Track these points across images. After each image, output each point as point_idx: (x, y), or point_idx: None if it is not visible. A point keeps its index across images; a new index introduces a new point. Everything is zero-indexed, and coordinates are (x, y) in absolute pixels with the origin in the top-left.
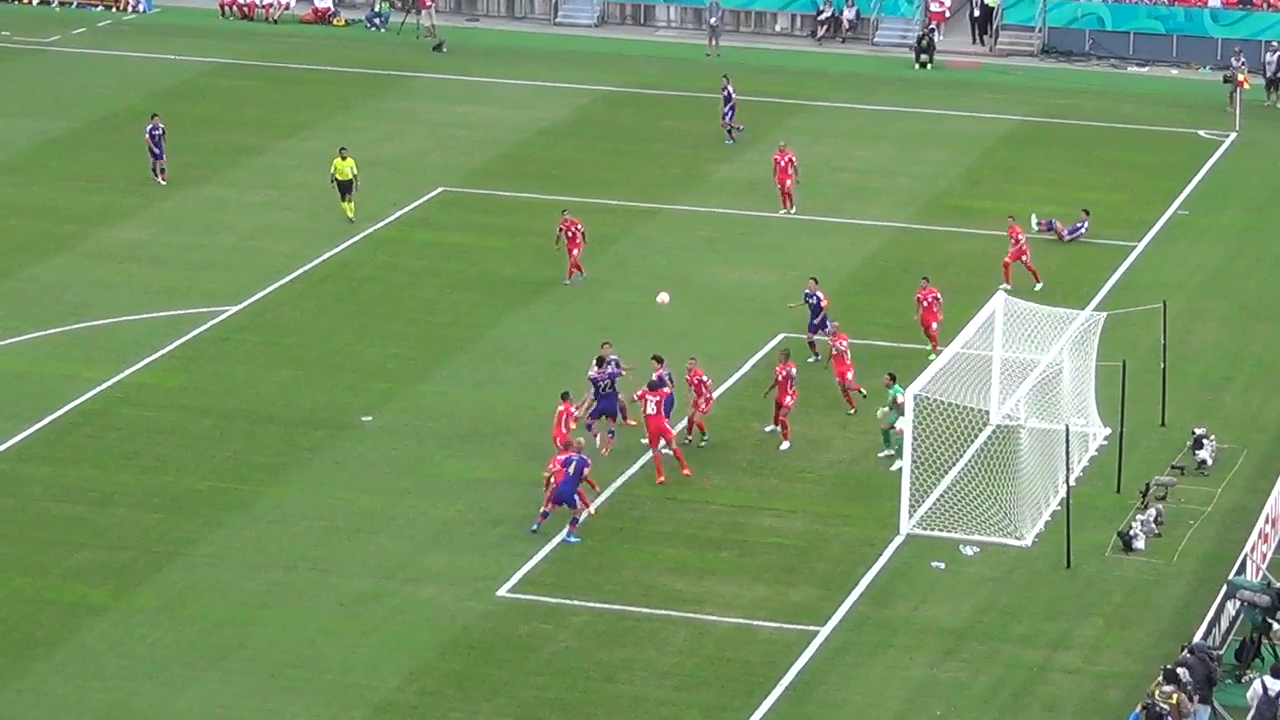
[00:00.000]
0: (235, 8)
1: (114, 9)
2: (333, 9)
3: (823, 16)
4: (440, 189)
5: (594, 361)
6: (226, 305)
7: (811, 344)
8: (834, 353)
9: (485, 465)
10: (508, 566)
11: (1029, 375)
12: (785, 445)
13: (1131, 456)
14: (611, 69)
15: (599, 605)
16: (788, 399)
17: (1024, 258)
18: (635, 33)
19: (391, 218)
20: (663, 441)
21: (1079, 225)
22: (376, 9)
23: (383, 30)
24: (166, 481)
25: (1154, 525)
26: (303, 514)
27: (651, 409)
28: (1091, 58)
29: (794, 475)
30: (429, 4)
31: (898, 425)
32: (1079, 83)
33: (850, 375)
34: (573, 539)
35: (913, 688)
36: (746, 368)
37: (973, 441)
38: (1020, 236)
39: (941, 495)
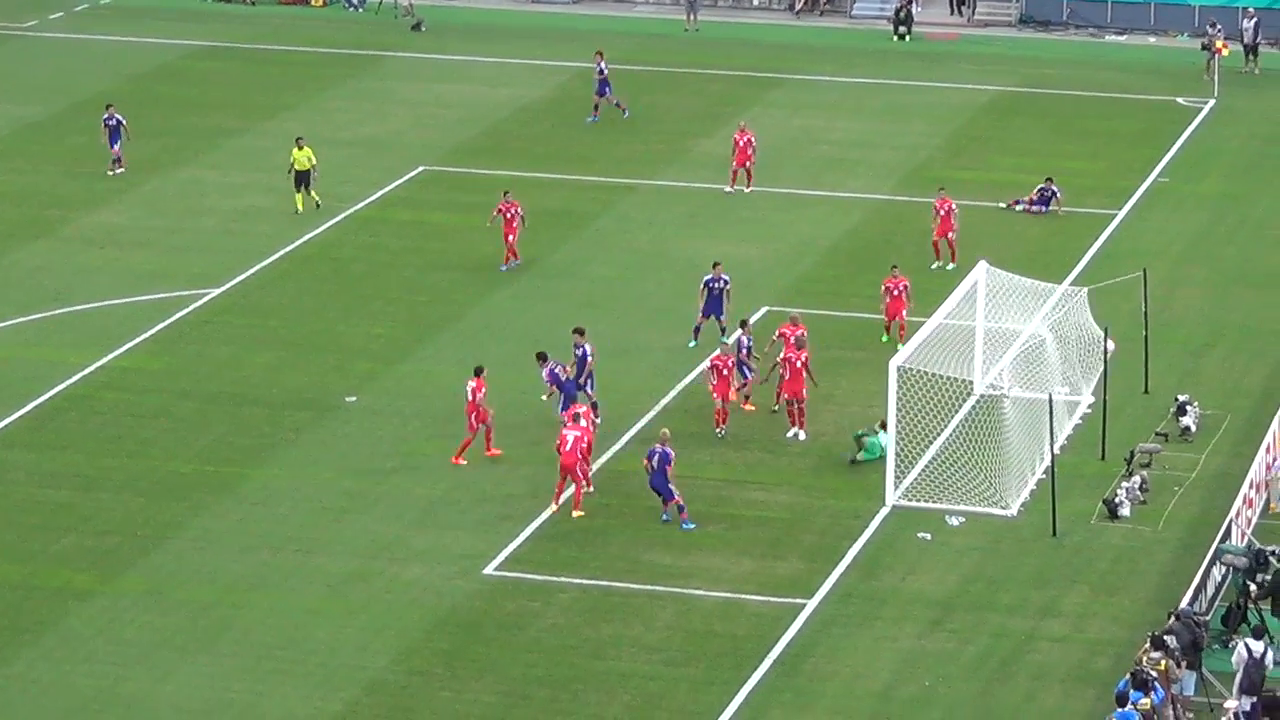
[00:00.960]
0: None
1: None
2: None
3: None
4: (421, 168)
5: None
6: (209, 288)
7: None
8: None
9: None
10: (494, 545)
11: (1012, 345)
12: (799, 433)
13: (1115, 424)
14: (590, 45)
15: (586, 582)
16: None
17: (950, 234)
18: (613, 9)
19: (372, 198)
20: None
21: (1046, 192)
22: None
23: (360, 10)
24: (152, 465)
25: (1139, 492)
26: (288, 495)
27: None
28: (1070, 27)
29: (779, 449)
30: None
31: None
32: (1057, 52)
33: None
34: (688, 525)
35: (901, 658)
36: (729, 341)
37: (957, 412)
38: (947, 208)
39: (926, 466)
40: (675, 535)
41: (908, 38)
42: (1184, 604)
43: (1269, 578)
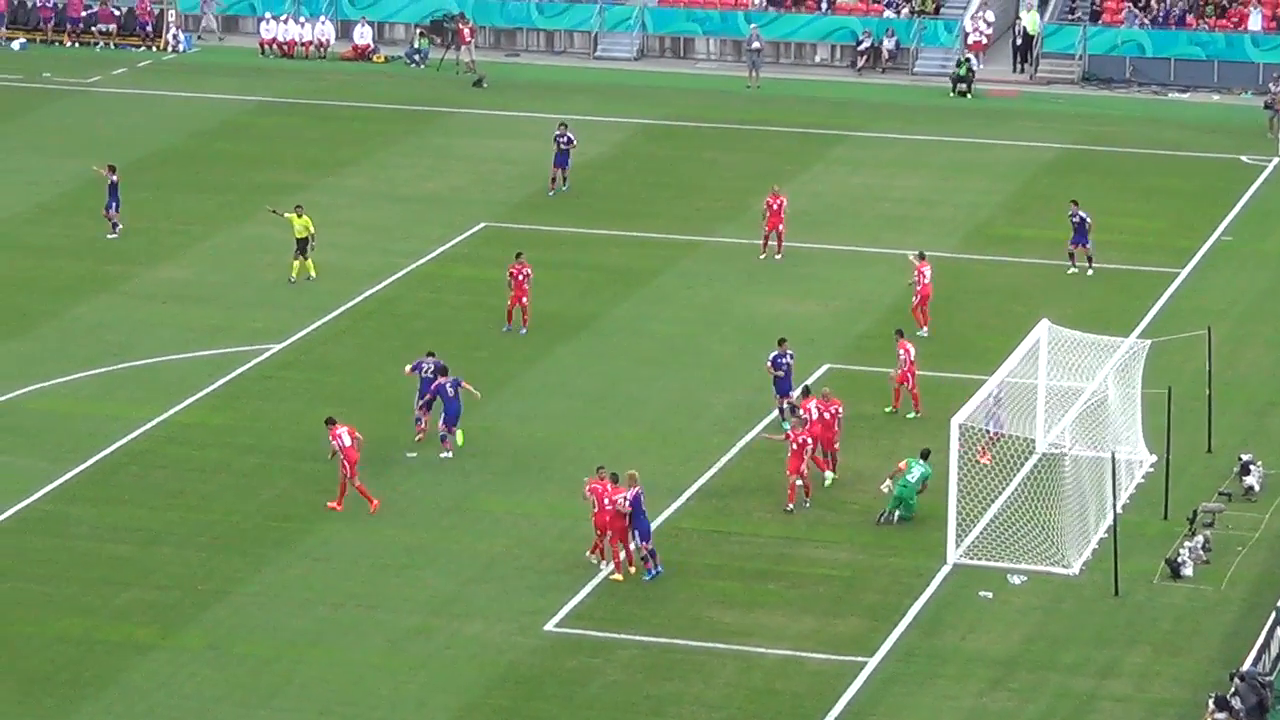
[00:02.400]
0: (275, 46)
1: (154, 49)
2: (373, 46)
3: (862, 47)
4: (482, 224)
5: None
6: (270, 343)
7: (781, 409)
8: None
9: (531, 500)
10: (555, 601)
11: (1074, 403)
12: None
13: (1178, 483)
14: (651, 102)
15: (647, 639)
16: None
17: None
18: (675, 65)
19: (434, 254)
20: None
21: (1075, 219)
22: (416, 45)
23: (423, 66)
24: (212, 520)
25: (1202, 552)
26: (349, 551)
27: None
28: (1132, 84)
29: (839, 506)
30: (468, 40)
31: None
32: (1120, 109)
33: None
34: (650, 574)
35: (962, 718)
36: (791, 398)
37: (1019, 470)
38: (924, 272)
39: (988, 524)
40: (737, 592)
41: (968, 95)
42: (1248, 665)
43: None
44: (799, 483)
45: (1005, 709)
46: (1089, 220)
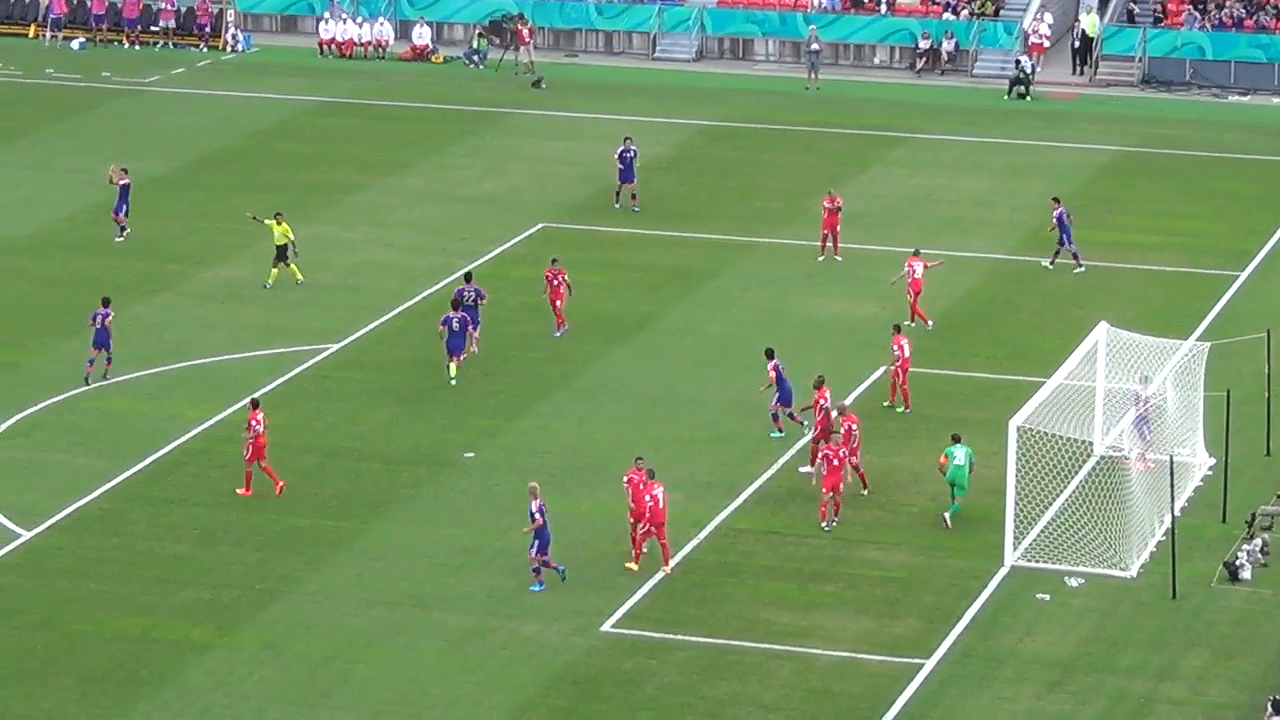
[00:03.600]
0: (333, 46)
1: (213, 49)
2: (431, 46)
3: (921, 48)
4: (540, 225)
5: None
6: (328, 343)
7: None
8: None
9: (587, 500)
10: (611, 601)
11: (1132, 406)
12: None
13: (1237, 486)
14: (710, 103)
15: (703, 640)
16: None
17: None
18: (734, 67)
19: (491, 254)
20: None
21: (1060, 216)
22: (475, 46)
23: (481, 67)
24: (269, 519)
25: (1260, 555)
26: (405, 550)
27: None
28: (1192, 87)
29: (896, 508)
30: (527, 40)
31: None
32: (1180, 112)
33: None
34: (536, 588)
35: None
36: (849, 400)
37: (1077, 473)
38: (913, 267)
39: (1046, 527)
40: (793, 594)
41: (1028, 97)
42: None
43: None
44: (833, 497)
45: (1062, 711)
46: (1069, 217)
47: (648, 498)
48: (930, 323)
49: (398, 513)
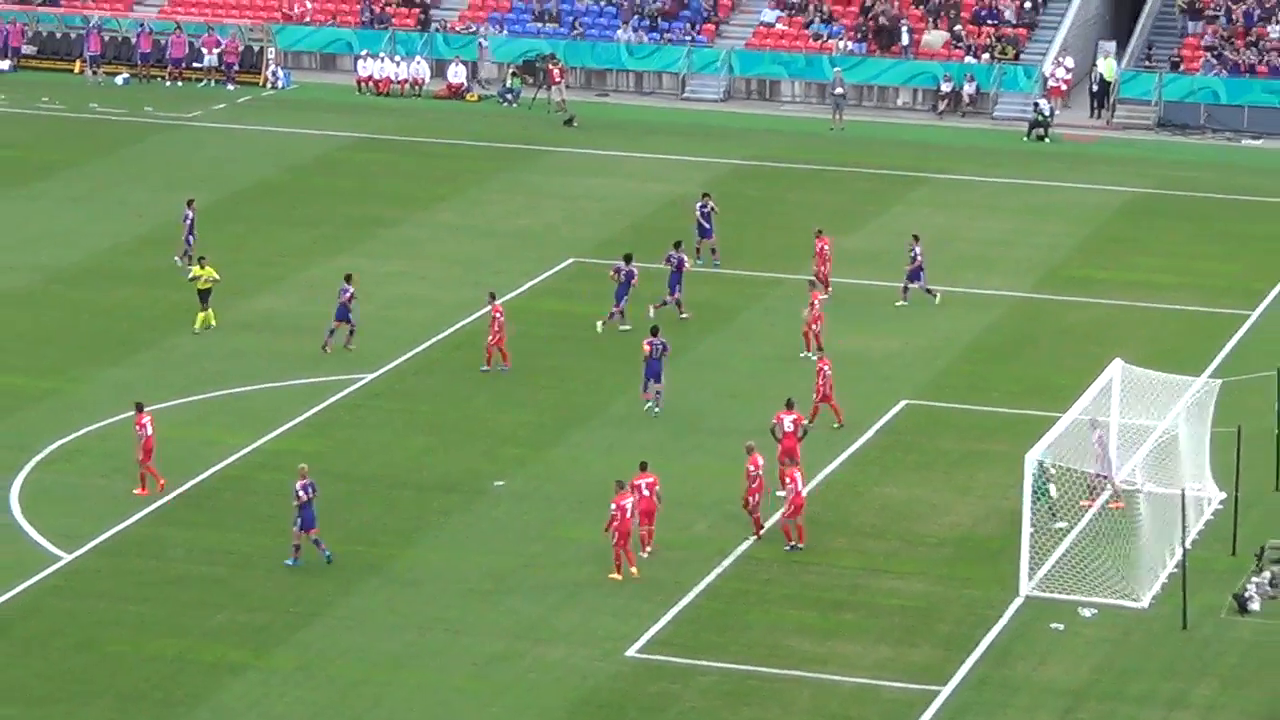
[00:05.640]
0: (370, 84)
1: (253, 85)
2: (466, 85)
3: (943, 91)
4: (570, 260)
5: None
6: (362, 373)
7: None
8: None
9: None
10: (636, 627)
11: (1146, 440)
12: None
13: (1247, 520)
14: (738, 143)
15: (726, 665)
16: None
17: (817, 324)
18: (760, 107)
19: (523, 288)
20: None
21: (912, 250)
22: (508, 84)
23: (514, 105)
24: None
25: (1269, 588)
26: (436, 576)
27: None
28: (1207, 131)
29: (915, 539)
30: (559, 80)
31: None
32: (1195, 155)
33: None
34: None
35: None
36: (870, 434)
37: (1091, 505)
38: (815, 302)
39: (1060, 558)
40: (814, 621)
41: (1047, 139)
42: None
43: None
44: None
45: None
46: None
47: (628, 505)
48: (811, 354)
49: (429, 539)
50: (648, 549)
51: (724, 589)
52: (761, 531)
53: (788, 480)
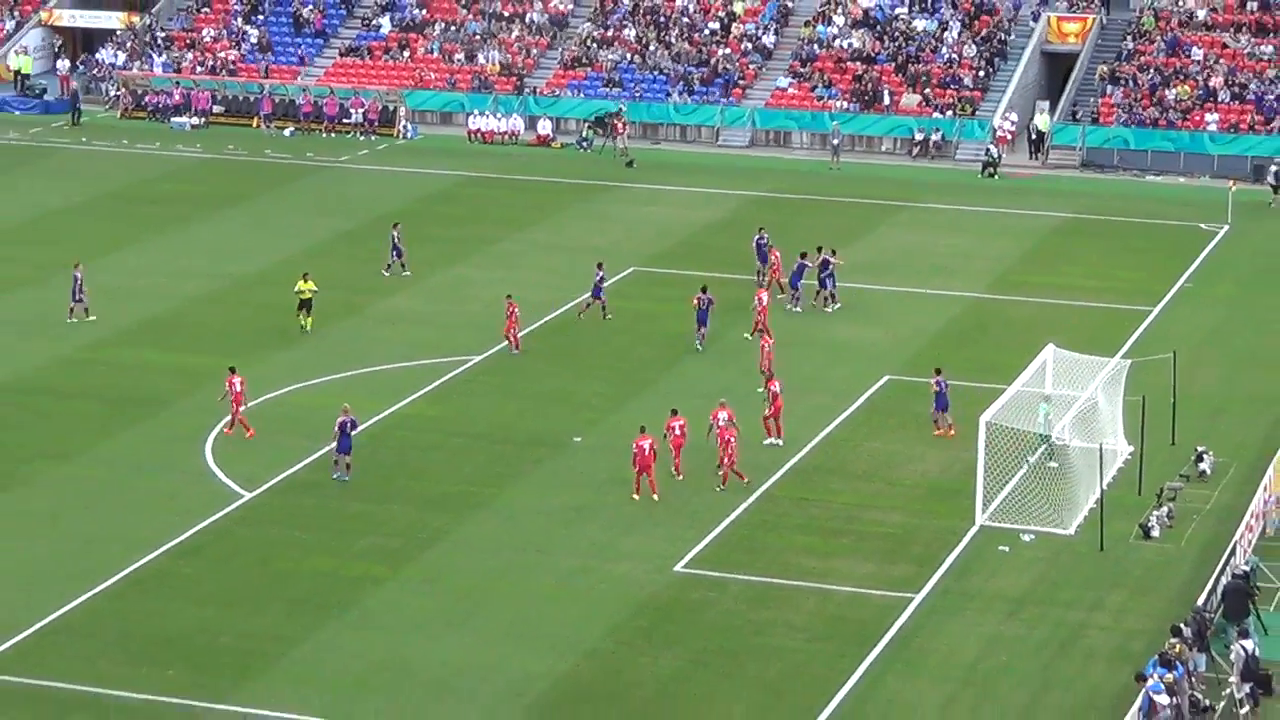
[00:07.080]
0: (478, 135)
1: (389, 136)
2: (551, 135)
3: (917, 139)
4: (632, 269)
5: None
6: (473, 355)
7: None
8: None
9: (667, 473)
10: (682, 549)
11: (1073, 407)
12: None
13: (1149, 468)
14: (758, 179)
15: (751, 578)
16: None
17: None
18: (776, 152)
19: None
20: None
21: (827, 260)
22: (584, 135)
23: (589, 151)
24: (427, 486)
25: (1167, 519)
26: (528, 510)
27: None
28: (1120, 169)
29: (896, 482)
30: (622, 131)
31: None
32: (1110, 189)
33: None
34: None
35: (985, 640)
36: (860, 401)
37: (1030, 456)
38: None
39: (1006, 496)
40: (817, 544)
41: (996, 176)
42: (1199, 603)
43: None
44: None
45: (1017, 634)
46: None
47: (646, 446)
48: (770, 388)
49: (523, 482)
50: (679, 476)
51: (748, 519)
52: (745, 479)
53: (771, 386)
